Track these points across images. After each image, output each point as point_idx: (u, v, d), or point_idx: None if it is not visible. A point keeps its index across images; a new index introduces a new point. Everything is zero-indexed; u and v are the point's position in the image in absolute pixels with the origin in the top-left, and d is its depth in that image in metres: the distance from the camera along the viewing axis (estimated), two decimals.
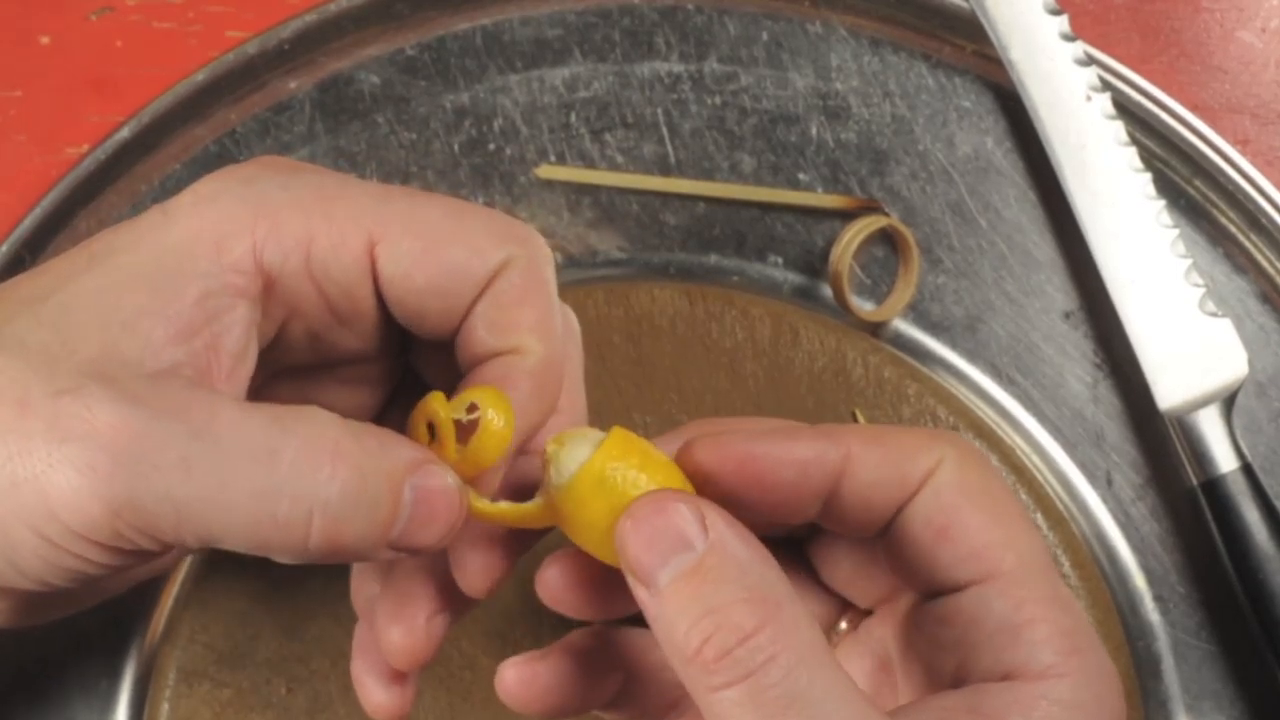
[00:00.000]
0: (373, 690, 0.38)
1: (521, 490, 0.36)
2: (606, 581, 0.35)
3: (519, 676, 0.36)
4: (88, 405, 0.31)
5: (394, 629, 0.37)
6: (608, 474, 0.33)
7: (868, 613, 0.38)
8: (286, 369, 0.37)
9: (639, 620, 0.33)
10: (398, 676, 0.38)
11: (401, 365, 0.39)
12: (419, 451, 0.33)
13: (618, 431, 0.33)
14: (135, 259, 0.33)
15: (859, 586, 0.37)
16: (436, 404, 0.34)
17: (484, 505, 0.34)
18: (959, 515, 0.33)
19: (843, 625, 0.38)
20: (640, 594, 0.32)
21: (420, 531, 0.33)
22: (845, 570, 0.37)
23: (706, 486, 0.34)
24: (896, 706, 0.34)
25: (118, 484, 0.30)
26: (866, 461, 0.34)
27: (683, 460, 0.34)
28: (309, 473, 0.31)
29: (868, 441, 0.34)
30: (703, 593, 0.30)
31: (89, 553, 0.31)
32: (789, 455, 0.33)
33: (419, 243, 0.34)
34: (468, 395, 0.34)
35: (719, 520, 0.31)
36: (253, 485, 0.31)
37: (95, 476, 0.30)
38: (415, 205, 0.35)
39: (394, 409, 0.40)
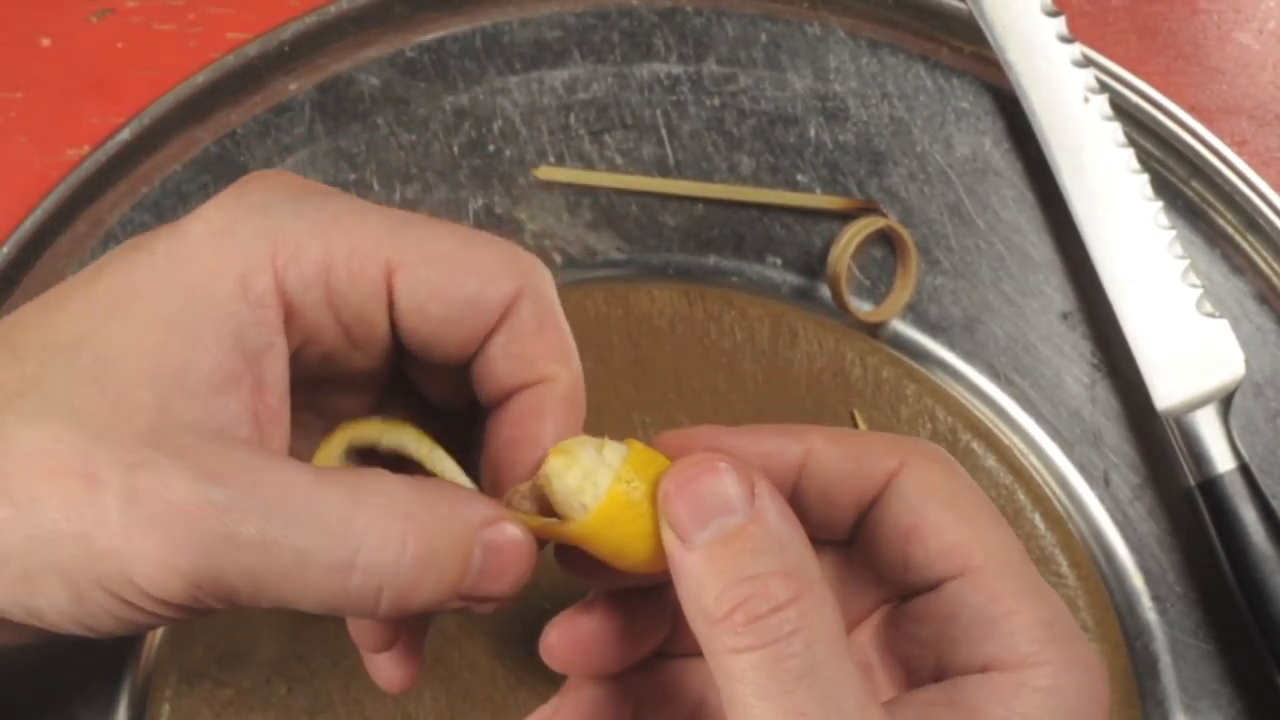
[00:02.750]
0: (381, 667, 0.39)
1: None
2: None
3: (564, 632, 0.36)
4: (163, 481, 0.31)
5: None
6: (632, 496, 0.33)
7: None
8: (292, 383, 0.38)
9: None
10: (401, 656, 0.39)
11: (395, 368, 0.40)
12: (489, 508, 0.34)
13: (636, 447, 0.34)
14: (162, 303, 0.32)
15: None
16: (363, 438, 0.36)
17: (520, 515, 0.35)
18: (926, 514, 0.33)
19: None
20: (674, 550, 0.32)
21: (490, 584, 0.34)
22: None
23: None
24: (886, 700, 0.34)
25: (199, 560, 0.31)
26: (827, 456, 0.34)
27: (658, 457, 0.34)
28: (380, 547, 0.32)
29: (830, 440, 0.34)
30: (741, 559, 0.31)
31: (162, 611, 0.32)
32: (750, 450, 0.34)
33: (435, 273, 0.34)
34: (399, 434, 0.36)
35: (766, 491, 0.32)
36: (327, 560, 0.32)
37: (177, 553, 0.31)
38: (430, 235, 0.34)
39: (386, 406, 0.40)
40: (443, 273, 0.34)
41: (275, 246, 0.33)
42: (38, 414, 0.31)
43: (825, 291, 0.49)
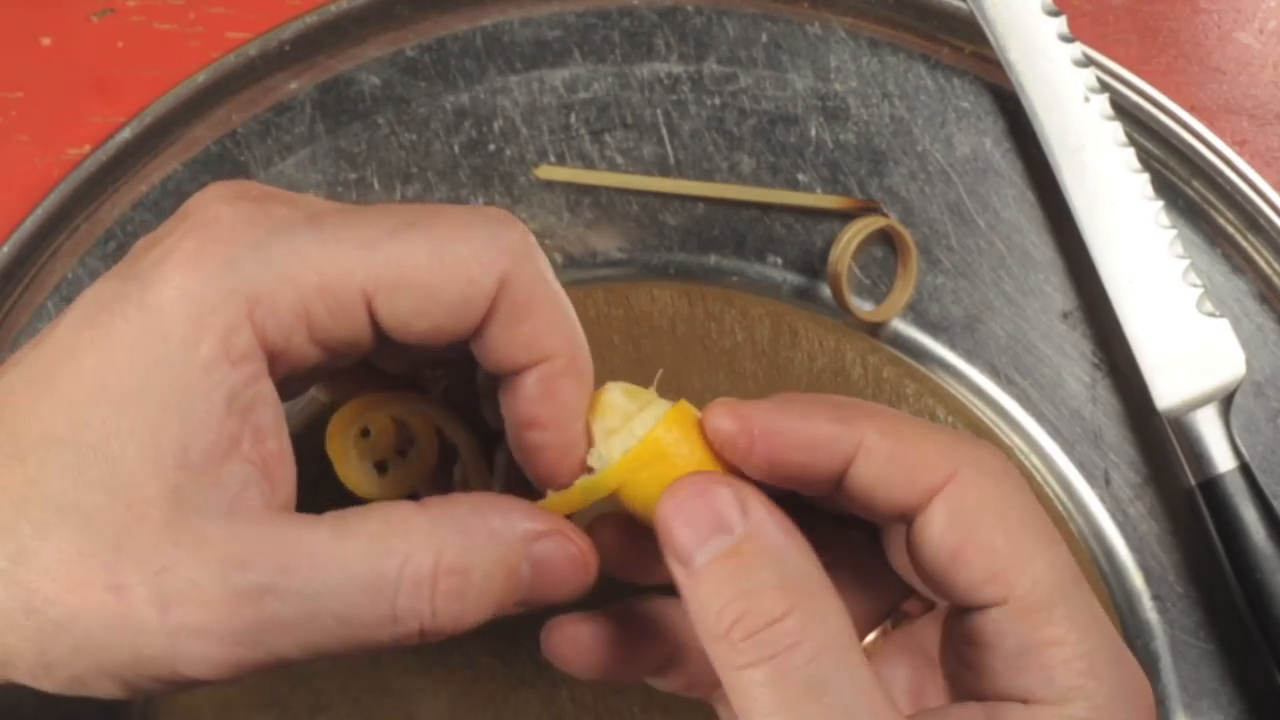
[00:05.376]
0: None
1: None
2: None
3: (564, 636, 0.37)
4: (193, 582, 0.31)
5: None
6: (669, 446, 0.34)
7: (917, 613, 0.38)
8: None
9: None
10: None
11: None
12: (536, 522, 0.34)
13: (682, 405, 0.35)
14: (149, 383, 0.32)
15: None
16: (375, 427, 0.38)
17: (551, 501, 0.36)
18: (973, 537, 0.33)
19: (870, 638, 0.38)
20: (677, 573, 0.33)
21: (548, 594, 0.35)
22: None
23: (724, 456, 0.34)
24: (927, 709, 0.34)
25: (247, 650, 0.32)
26: (875, 455, 0.33)
27: (703, 427, 0.34)
28: (413, 594, 0.33)
29: (883, 434, 0.33)
30: (737, 575, 0.32)
31: (215, 683, 0.33)
32: (800, 436, 0.34)
33: (413, 291, 0.33)
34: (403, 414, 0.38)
35: (759, 507, 0.32)
36: (368, 618, 0.32)
37: (222, 649, 0.32)
38: (402, 248, 0.33)
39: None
40: (421, 290, 0.33)
41: (249, 302, 0.32)
42: (51, 523, 0.31)
43: (826, 291, 0.49)
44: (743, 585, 0.32)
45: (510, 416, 0.36)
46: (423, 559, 0.33)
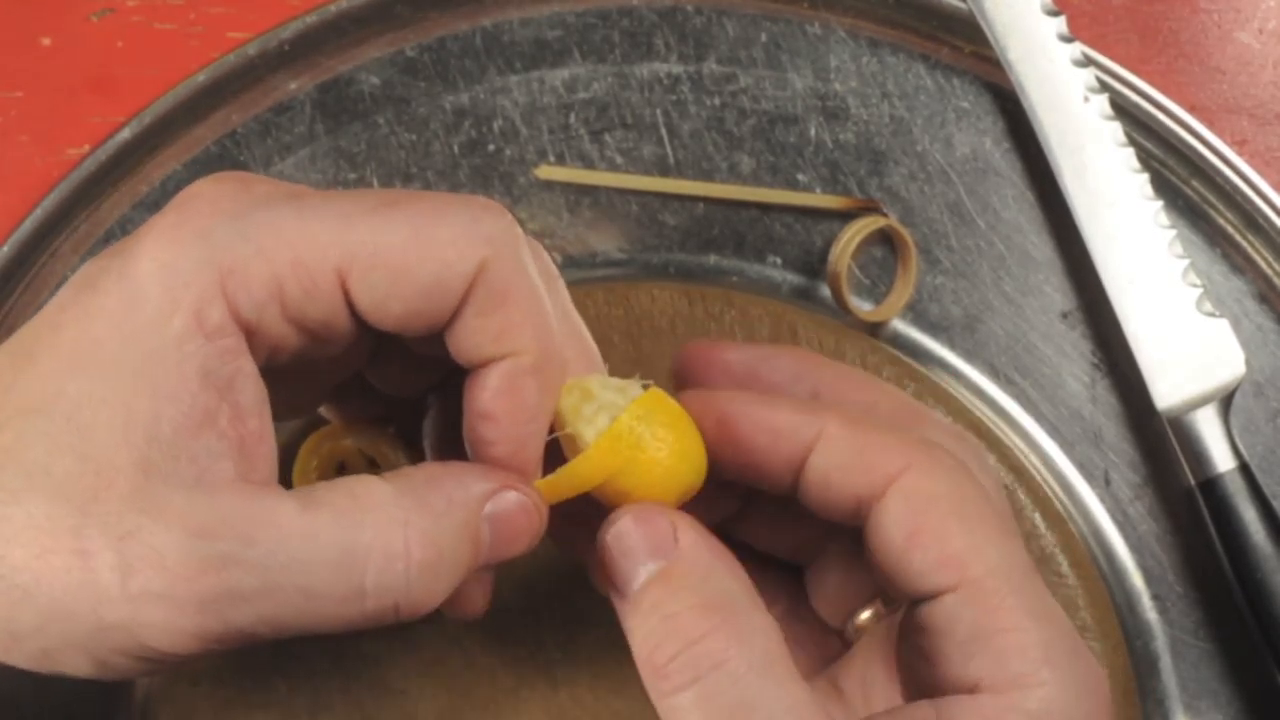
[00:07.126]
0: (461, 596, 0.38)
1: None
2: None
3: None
4: (154, 548, 0.31)
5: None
6: (638, 432, 0.34)
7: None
8: None
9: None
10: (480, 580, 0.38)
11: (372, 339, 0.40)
12: (488, 481, 0.34)
13: (653, 392, 0.35)
14: (123, 353, 0.32)
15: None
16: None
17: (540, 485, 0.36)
18: (928, 521, 0.33)
19: (864, 615, 0.38)
20: (616, 604, 0.33)
21: (507, 549, 0.34)
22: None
23: (689, 383, 0.36)
24: (880, 711, 0.34)
25: (207, 620, 0.31)
26: (836, 442, 0.34)
27: (673, 369, 0.36)
28: (384, 568, 0.32)
29: (845, 424, 0.34)
30: (661, 599, 0.32)
31: (185, 658, 0.33)
32: (764, 422, 0.34)
33: (389, 271, 0.33)
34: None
35: (688, 532, 0.33)
36: (337, 592, 0.32)
37: (183, 618, 0.31)
38: (380, 227, 0.33)
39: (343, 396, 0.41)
40: (396, 270, 0.33)
41: (222, 274, 0.32)
42: (22, 489, 0.31)
43: (826, 291, 0.49)
44: (667, 609, 0.32)
45: (468, 406, 0.35)
46: (392, 533, 0.32)
